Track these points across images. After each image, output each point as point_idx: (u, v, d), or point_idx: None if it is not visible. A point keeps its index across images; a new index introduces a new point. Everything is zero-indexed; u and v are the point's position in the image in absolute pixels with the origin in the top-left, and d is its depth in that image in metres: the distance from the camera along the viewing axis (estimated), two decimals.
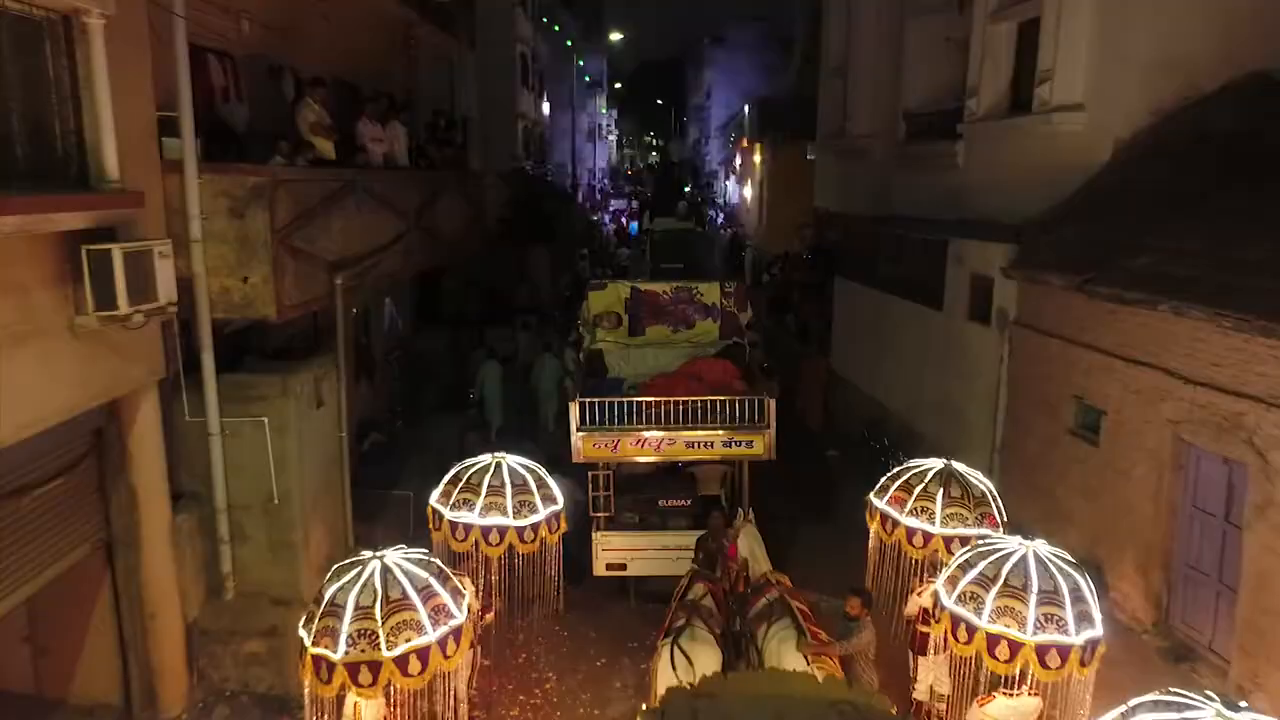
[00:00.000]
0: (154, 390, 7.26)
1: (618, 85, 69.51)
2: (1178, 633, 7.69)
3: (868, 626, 7.04)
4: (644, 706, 4.10)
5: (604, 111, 60.72)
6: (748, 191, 36.53)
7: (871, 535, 7.59)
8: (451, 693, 6.65)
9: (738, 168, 40.96)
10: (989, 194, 11.61)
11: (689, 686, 4.19)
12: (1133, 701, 4.45)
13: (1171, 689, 4.45)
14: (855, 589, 7.19)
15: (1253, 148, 8.53)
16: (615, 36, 53.05)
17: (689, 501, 9.34)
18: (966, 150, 12.50)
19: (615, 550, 9.09)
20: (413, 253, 11.72)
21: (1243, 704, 4.25)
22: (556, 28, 40.24)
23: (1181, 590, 7.72)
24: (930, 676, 7.40)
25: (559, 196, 30.15)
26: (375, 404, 12.93)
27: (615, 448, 8.78)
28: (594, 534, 9.12)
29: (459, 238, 14.84)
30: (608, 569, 9.15)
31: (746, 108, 38.68)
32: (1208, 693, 4.31)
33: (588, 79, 51.91)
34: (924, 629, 7.20)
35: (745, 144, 36.61)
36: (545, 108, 36.65)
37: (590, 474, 9.03)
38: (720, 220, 41.96)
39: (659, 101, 75.85)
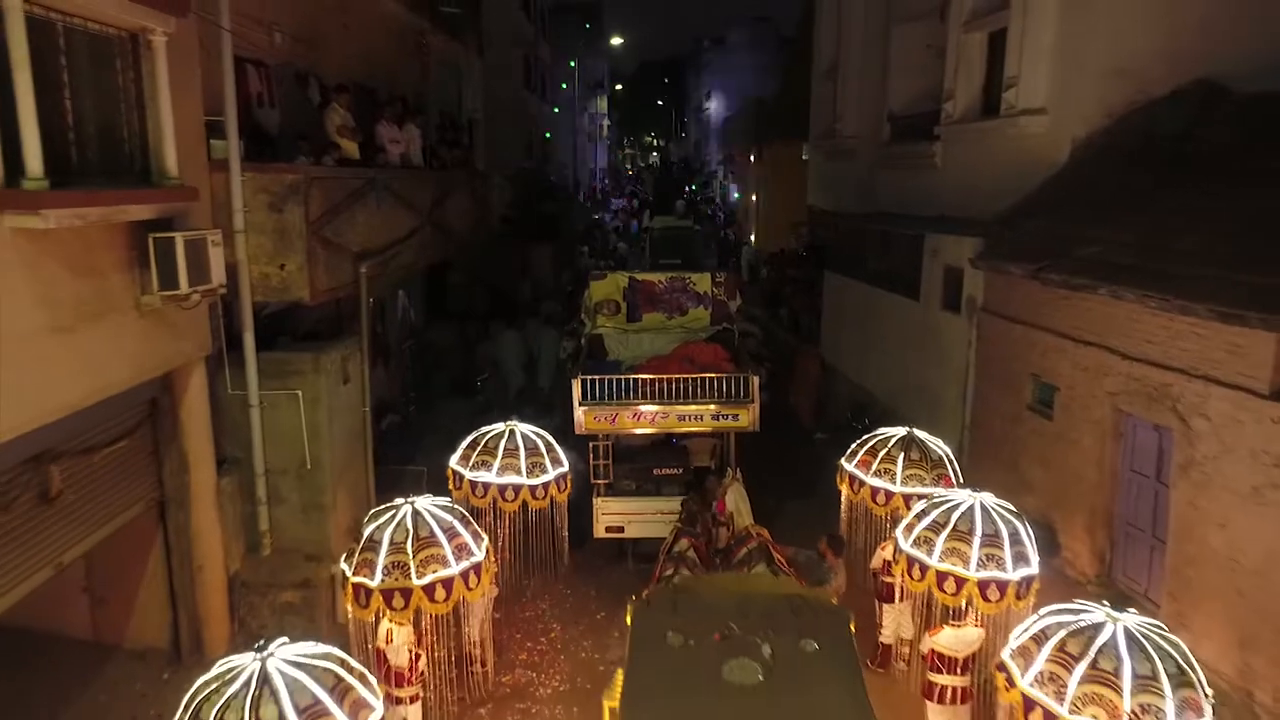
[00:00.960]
0: (202, 365, 8.13)
1: (619, 86, 70.33)
2: (1119, 584, 8.54)
3: (840, 571, 7.90)
4: (633, 598, 4.94)
5: (605, 112, 61.58)
6: (746, 191, 37.40)
7: (843, 497, 8.47)
8: (469, 634, 7.58)
9: (736, 167, 41.86)
10: (964, 191, 12.45)
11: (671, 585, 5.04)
12: (1043, 610, 5.32)
13: (1076, 599, 5.33)
14: (829, 533, 8.05)
15: (1196, 148, 9.39)
16: (616, 41, 53.84)
17: (681, 470, 10.22)
18: (944, 150, 13.36)
19: (614, 514, 9.98)
20: (426, 246, 12.61)
21: (1130, 609, 5.12)
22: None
23: (1122, 546, 8.58)
24: (895, 622, 8.28)
25: (561, 196, 31.01)
26: (391, 388, 13.79)
27: (614, 420, 9.64)
28: (594, 499, 10.01)
29: (467, 234, 15.74)
30: (607, 531, 10.05)
31: (740, 110, 39.46)
32: (1103, 601, 5.18)
33: (588, 82, 52.73)
34: (888, 579, 8.08)
35: (743, 144, 37.46)
36: (548, 109, 37.50)
37: (591, 444, 9.90)
38: (721, 219, 42.83)
39: (659, 102, 76.74)
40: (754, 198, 34.63)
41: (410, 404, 14.43)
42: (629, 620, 4.70)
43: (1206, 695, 4.83)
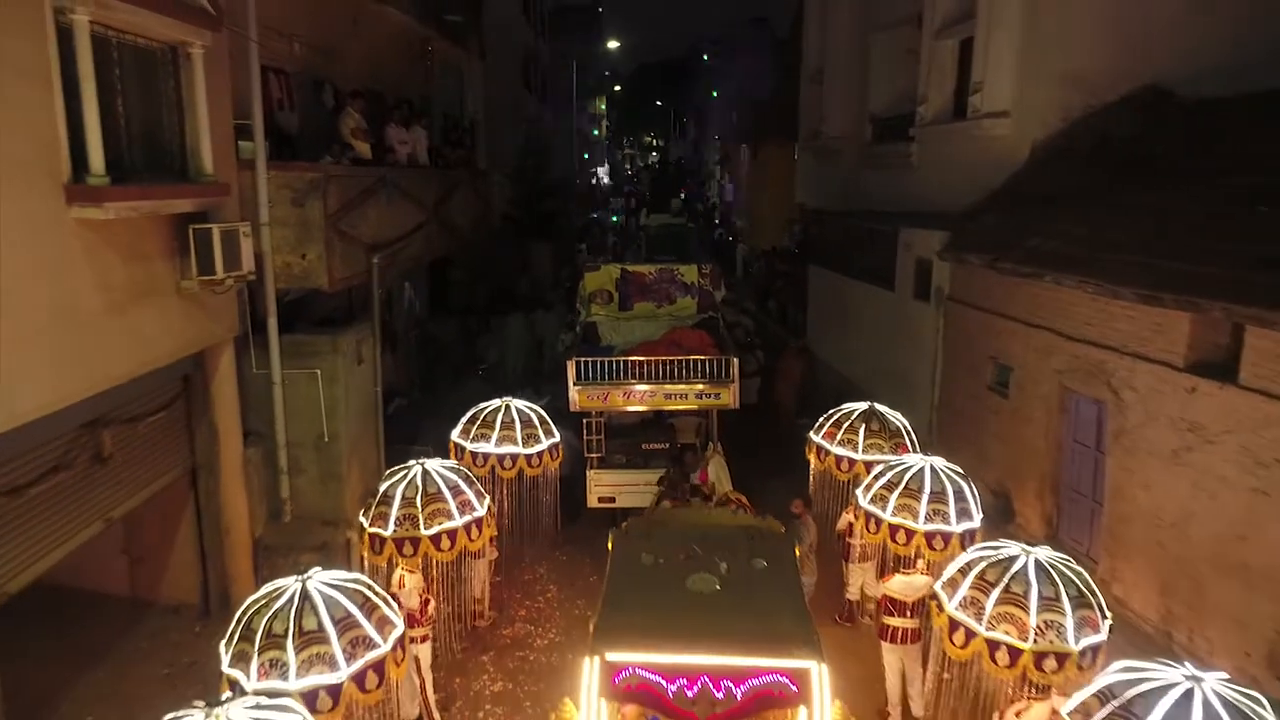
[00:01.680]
0: (231, 345, 8.96)
1: (617, 88, 71.14)
2: (1065, 544, 9.31)
3: (810, 526, 8.70)
4: (614, 528, 5.76)
5: (604, 113, 62.41)
6: (742, 190, 38.24)
7: (811, 465, 9.29)
8: (473, 593, 8.41)
9: (733, 167, 42.72)
10: (937, 188, 13.27)
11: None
12: (972, 549, 6.15)
13: (1000, 539, 6.15)
14: (800, 494, 8.86)
15: (1142, 149, 10.21)
16: (613, 44, 54.65)
17: (668, 445, 11.06)
18: (919, 150, 14.19)
19: (606, 486, 10.81)
20: (432, 240, 13.45)
21: (1043, 546, 5.95)
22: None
23: (1067, 510, 9.40)
24: (859, 579, 9.11)
25: (560, 195, 31.78)
26: (398, 374, 14.64)
27: (605, 399, 10.48)
28: (588, 472, 10.85)
29: (469, 229, 16.58)
30: (599, 501, 10.88)
31: (737, 111, 40.23)
32: (1021, 542, 6.00)
33: (587, 83, 53.51)
34: (852, 541, 8.90)
35: (738, 145, 38.32)
36: (547, 110, 38.27)
37: (584, 421, 10.73)
38: (717, 218, 43.67)
39: (659, 103, 77.48)
40: (749, 196, 35.48)
41: (415, 390, 15.27)
42: (610, 546, 5.55)
43: (1104, 616, 5.66)
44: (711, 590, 4.75)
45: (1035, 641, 5.43)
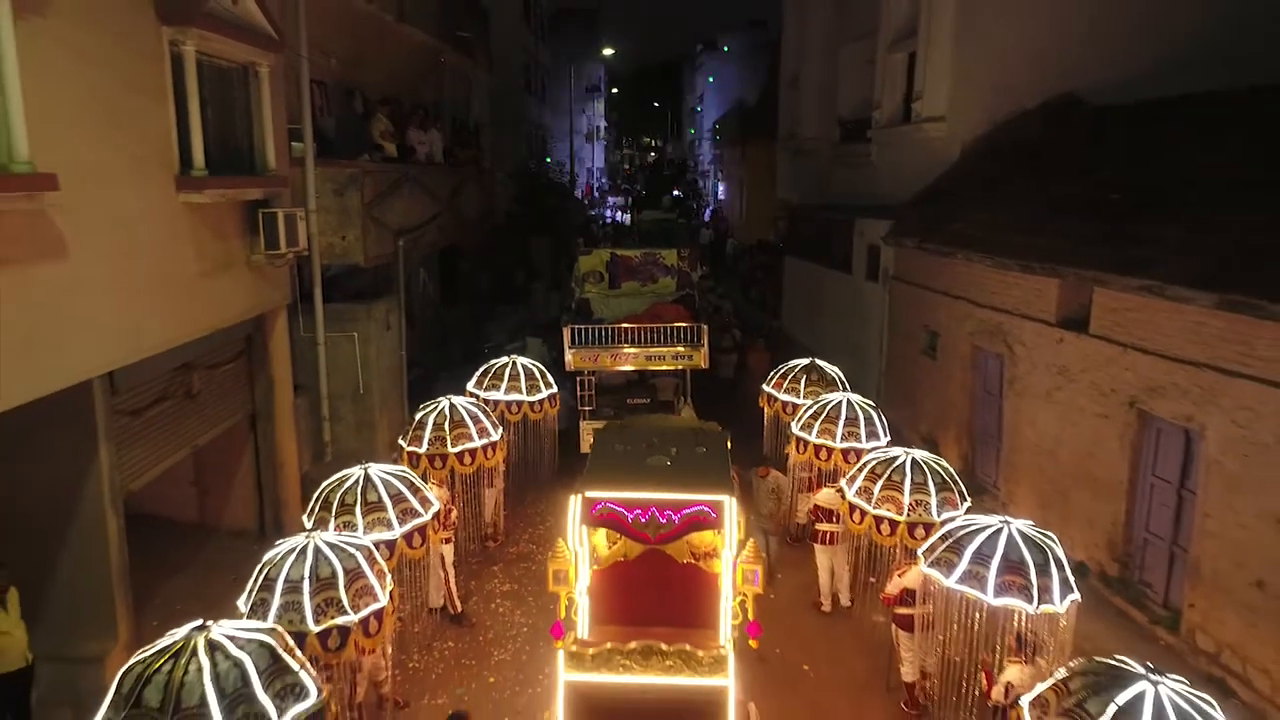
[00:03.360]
0: (284, 311, 10.79)
1: (614, 90, 72.94)
2: (978, 479, 11.20)
3: (782, 482, 10.39)
4: (595, 430, 7.67)
5: (602, 114, 64.24)
6: (733, 188, 40.09)
7: (765, 412, 11.16)
8: (485, 517, 10.27)
9: (725, 166, 44.57)
10: (890, 183, 15.14)
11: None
12: (871, 454, 8.01)
13: (894, 447, 8.01)
14: (764, 459, 10.57)
15: (1049, 148, 12.08)
16: (608, 51, 56.45)
17: (649, 400, 12.93)
18: (876, 150, 16.06)
19: None
20: (446, 229, 15.33)
21: (925, 451, 7.80)
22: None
23: (979, 450, 11.26)
24: (805, 506, 10.93)
25: (559, 193, 33.62)
26: (415, 349, 16.49)
27: (596, 360, 12.34)
28: (581, 423, 12.71)
29: (476, 222, 18.48)
30: (590, 448, 12.71)
31: (730, 112, 42.03)
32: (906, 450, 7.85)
33: (586, 85, 55.29)
34: (802, 474, 10.71)
35: (729, 145, 40.16)
36: (547, 112, 40.11)
37: (578, 379, 12.59)
38: (709, 214, 45.55)
39: (656, 104, 79.36)
40: (739, 194, 37.33)
41: (431, 363, 17.14)
42: (591, 440, 7.40)
43: (963, 498, 7.51)
44: (663, 465, 6.59)
45: (908, 515, 7.28)
